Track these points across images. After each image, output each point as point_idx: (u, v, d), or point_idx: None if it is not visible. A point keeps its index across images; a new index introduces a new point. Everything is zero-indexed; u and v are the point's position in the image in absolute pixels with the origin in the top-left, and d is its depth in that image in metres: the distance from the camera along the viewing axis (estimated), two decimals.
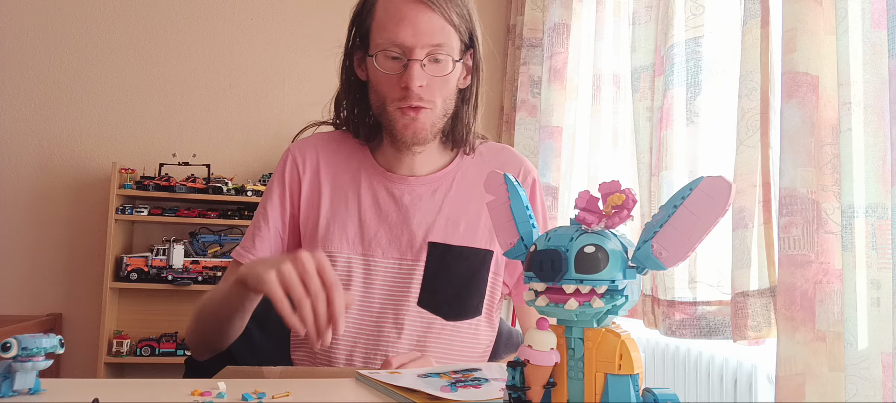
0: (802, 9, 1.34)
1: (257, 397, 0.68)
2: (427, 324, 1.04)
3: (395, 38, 0.97)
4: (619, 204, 0.49)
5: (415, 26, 0.96)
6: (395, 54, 0.98)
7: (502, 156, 1.16)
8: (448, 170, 1.11)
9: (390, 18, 0.98)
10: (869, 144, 1.24)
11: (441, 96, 1.02)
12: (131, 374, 2.88)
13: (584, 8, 2.46)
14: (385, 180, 1.09)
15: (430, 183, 1.09)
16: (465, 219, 1.08)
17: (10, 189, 2.92)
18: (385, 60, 0.99)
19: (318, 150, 1.12)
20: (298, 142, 1.14)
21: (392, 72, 0.99)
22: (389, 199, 1.08)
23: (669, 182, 1.77)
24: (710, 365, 1.71)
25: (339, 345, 1.04)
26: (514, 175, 1.11)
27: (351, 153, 1.12)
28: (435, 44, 0.98)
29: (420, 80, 0.97)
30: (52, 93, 2.98)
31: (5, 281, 2.88)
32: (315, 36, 3.26)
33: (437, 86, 1.00)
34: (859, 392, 1.19)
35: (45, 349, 0.65)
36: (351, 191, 1.09)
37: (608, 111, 2.27)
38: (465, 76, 1.07)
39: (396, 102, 1.00)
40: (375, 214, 1.07)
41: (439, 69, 1.00)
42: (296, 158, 1.11)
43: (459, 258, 1.06)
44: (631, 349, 0.48)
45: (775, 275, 1.44)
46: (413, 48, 0.97)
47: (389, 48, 0.98)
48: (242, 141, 3.15)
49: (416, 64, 0.97)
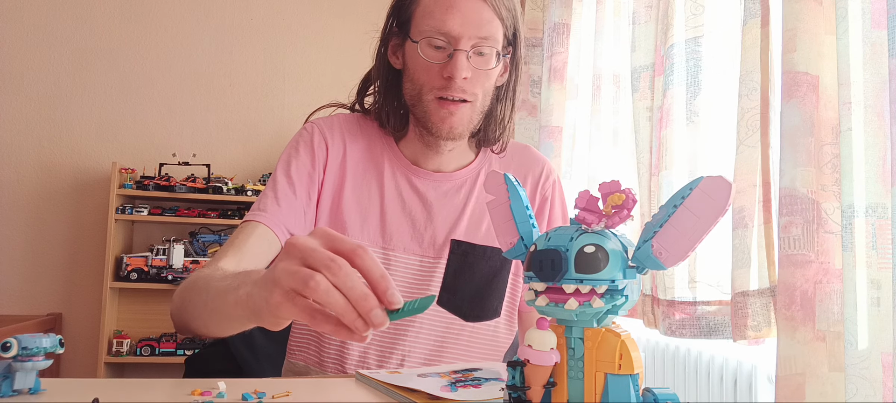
0: (802, 9, 1.34)
1: (257, 397, 0.68)
2: (446, 325, 1.02)
3: (442, 26, 0.93)
4: (619, 204, 0.49)
5: (464, 15, 0.93)
6: (440, 43, 0.95)
7: (525, 156, 1.14)
8: (473, 167, 1.09)
9: (439, 6, 0.95)
10: (869, 144, 1.24)
11: (482, 90, 0.99)
12: (131, 374, 2.88)
13: (584, 8, 2.46)
14: (410, 173, 1.05)
15: (456, 179, 1.07)
16: (487, 219, 1.05)
17: (11, 189, 2.92)
18: (429, 48, 0.96)
19: (344, 133, 1.06)
20: (322, 120, 1.08)
21: (435, 61, 0.95)
22: (414, 194, 1.05)
23: (669, 182, 1.77)
24: (710, 365, 1.71)
25: (351, 345, 1.00)
26: (537, 175, 1.11)
27: (374, 141, 1.07)
28: (482, 36, 0.94)
29: (465, 72, 0.94)
30: (52, 93, 2.98)
31: (5, 281, 2.88)
32: (315, 36, 3.26)
33: (479, 80, 0.97)
34: (859, 392, 1.19)
35: (45, 349, 0.65)
36: (374, 180, 1.05)
37: (608, 111, 2.27)
38: (504, 72, 1.04)
39: (435, 91, 0.96)
40: (399, 208, 1.04)
41: (483, 62, 0.97)
42: (324, 134, 1.04)
43: (482, 258, 1.04)
44: (631, 349, 0.48)
45: (775, 275, 1.44)
46: (460, 38, 0.93)
47: (435, 36, 0.94)
48: (242, 141, 3.15)
49: (462, 54, 0.94)
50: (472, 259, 1.03)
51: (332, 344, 1.01)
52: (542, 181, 1.11)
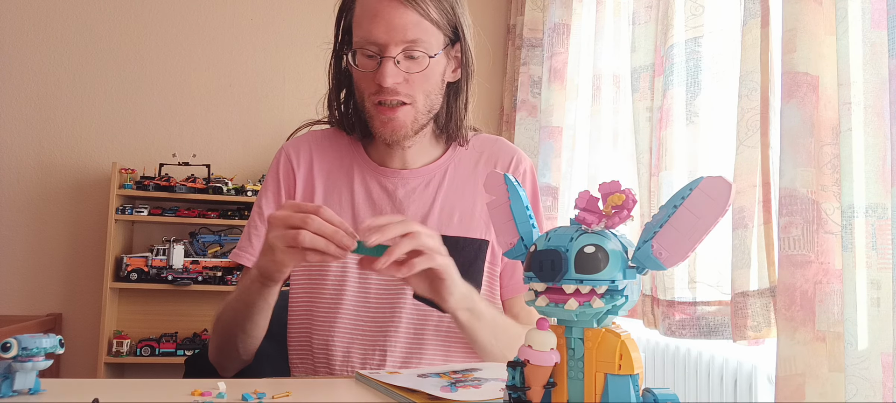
0: (802, 9, 1.34)
1: (257, 397, 0.68)
2: (424, 317, 1.04)
3: (369, 35, 0.96)
4: (619, 204, 0.49)
5: (388, 23, 0.95)
6: (370, 52, 0.97)
7: (495, 147, 1.15)
8: (440, 162, 1.11)
9: (365, 15, 0.97)
10: (869, 144, 1.24)
11: (423, 92, 1.00)
12: (131, 374, 2.88)
13: (584, 8, 2.47)
14: (378, 174, 1.09)
15: (423, 175, 1.09)
16: (459, 210, 1.07)
17: (11, 189, 2.92)
18: (362, 58, 0.99)
19: (312, 147, 1.12)
20: (292, 140, 1.14)
21: (368, 70, 0.98)
22: (383, 193, 1.08)
23: (669, 182, 1.77)
24: (710, 365, 1.71)
25: (336, 343, 1.03)
26: (506, 164, 1.12)
27: (343, 149, 1.12)
28: (409, 40, 0.96)
29: (393, 78, 0.96)
30: (52, 93, 2.98)
31: (5, 281, 2.88)
32: (315, 36, 3.25)
33: (416, 83, 0.99)
34: (859, 392, 1.19)
35: (45, 349, 0.65)
36: (344, 186, 1.09)
37: (608, 111, 2.27)
38: (455, 69, 1.06)
39: (373, 97, 1.00)
40: (369, 208, 1.07)
41: (415, 65, 0.98)
42: (289, 156, 1.11)
43: (454, 248, 1.03)
44: (631, 349, 0.48)
45: (775, 275, 1.44)
46: (387, 45, 0.95)
47: (365, 46, 0.97)
48: (242, 141, 3.15)
49: (389, 61, 0.96)
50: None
51: (320, 346, 1.04)
52: (511, 169, 1.13)
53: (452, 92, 1.07)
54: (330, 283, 1.05)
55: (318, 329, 1.05)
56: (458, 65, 1.06)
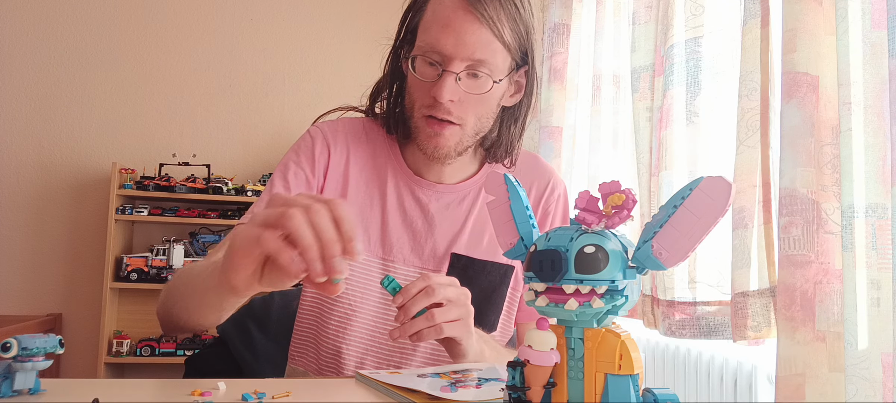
0: (802, 9, 1.34)
1: (257, 397, 0.68)
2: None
3: (436, 44, 0.90)
4: (619, 204, 0.49)
5: (458, 36, 0.89)
6: (433, 60, 0.92)
7: (531, 167, 1.11)
8: (476, 179, 1.07)
9: (436, 21, 0.91)
10: (869, 144, 1.24)
11: (475, 114, 0.95)
12: (131, 374, 2.88)
13: (584, 8, 2.46)
14: (412, 184, 1.04)
15: (459, 191, 1.05)
16: (489, 232, 1.04)
17: (10, 189, 2.92)
18: (423, 65, 0.93)
19: (348, 139, 1.05)
20: (326, 124, 1.06)
21: (426, 79, 0.93)
22: (415, 205, 1.03)
23: (669, 182, 1.77)
24: (710, 365, 1.71)
25: (349, 352, 0.99)
26: (542, 189, 1.09)
27: (378, 147, 1.06)
28: (476, 59, 0.90)
29: (451, 95, 0.91)
30: (52, 93, 2.98)
31: (5, 281, 2.88)
32: (315, 36, 3.26)
33: (470, 104, 0.94)
34: (859, 392, 1.19)
35: (45, 349, 0.65)
36: (376, 189, 1.03)
37: (608, 111, 2.27)
38: (514, 93, 1.01)
39: (424, 109, 0.94)
40: (400, 218, 1.02)
41: (476, 86, 0.93)
42: (327, 137, 1.03)
43: (481, 272, 1.02)
44: (631, 349, 0.48)
45: (775, 275, 1.44)
46: (452, 58, 0.90)
47: (429, 53, 0.92)
48: (242, 141, 3.15)
49: (450, 76, 0.90)
50: (472, 273, 1.02)
51: (328, 348, 1.01)
52: (546, 194, 1.09)
53: (508, 116, 1.02)
54: (348, 285, 1.00)
55: (328, 330, 1.00)
56: (518, 89, 1.01)
